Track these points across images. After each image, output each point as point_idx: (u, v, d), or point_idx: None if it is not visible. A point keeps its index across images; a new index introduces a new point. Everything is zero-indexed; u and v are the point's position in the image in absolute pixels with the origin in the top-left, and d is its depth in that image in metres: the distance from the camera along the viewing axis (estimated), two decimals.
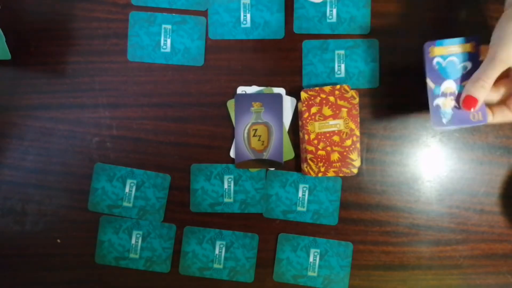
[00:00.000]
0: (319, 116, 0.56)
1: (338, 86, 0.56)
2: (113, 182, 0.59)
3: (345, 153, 0.56)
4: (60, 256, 0.59)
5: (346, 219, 0.59)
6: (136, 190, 0.59)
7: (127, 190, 0.59)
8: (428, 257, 0.59)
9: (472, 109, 0.47)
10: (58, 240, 0.59)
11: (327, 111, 0.56)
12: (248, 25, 0.58)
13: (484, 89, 0.46)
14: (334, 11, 0.58)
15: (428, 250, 0.59)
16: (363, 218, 0.59)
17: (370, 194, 0.59)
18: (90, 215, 0.59)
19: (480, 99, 0.47)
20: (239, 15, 0.58)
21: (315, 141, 0.56)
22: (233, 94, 0.59)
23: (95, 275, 0.59)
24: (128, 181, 0.59)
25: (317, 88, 0.56)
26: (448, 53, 0.50)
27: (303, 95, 0.56)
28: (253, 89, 0.58)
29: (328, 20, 0.58)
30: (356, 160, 0.56)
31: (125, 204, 0.59)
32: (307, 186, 0.59)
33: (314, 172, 0.56)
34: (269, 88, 0.58)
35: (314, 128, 0.55)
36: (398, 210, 0.59)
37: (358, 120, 0.56)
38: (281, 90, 0.58)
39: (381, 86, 0.59)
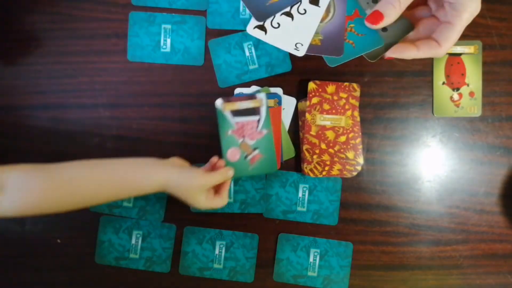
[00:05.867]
0: (321, 108, 0.56)
1: (346, 84, 0.57)
2: None
3: (346, 152, 0.56)
4: (60, 256, 0.59)
5: (346, 219, 0.59)
6: None
7: None
8: (428, 257, 0.59)
9: (374, 25, 0.45)
10: (58, 240, 0.59)
11: (327, 106, 0.56)
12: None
13: (394, 8, 0.44)
14: None
15: (428, 250, 0.59)
16: (363, 218, 0.59)
17: (370, 194, 0.59)
18: (90, 215, 0.59)
19: (387, 16, 0.44)
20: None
21: (319, 135, 0.56)
22: (233, 94, 0.59)
23: (95, 275, 0.59)
24: None
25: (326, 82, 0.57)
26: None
27: (311, 85, 0.56)
28: (251, 89, 0.58)
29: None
30: (359, 158, 0.56)
31: (125, 204, 0.59)
32: (307, 186, 0.59)
33: (318, 171, 0.56)
34: (265, 88, 0.58)
35: (317, 120, 0.56)
36: (398, 210, 0.59)
37: (359, 120, 0.56)
38: (278, 90, 0.58)
39: (382, 86, 0.59)
